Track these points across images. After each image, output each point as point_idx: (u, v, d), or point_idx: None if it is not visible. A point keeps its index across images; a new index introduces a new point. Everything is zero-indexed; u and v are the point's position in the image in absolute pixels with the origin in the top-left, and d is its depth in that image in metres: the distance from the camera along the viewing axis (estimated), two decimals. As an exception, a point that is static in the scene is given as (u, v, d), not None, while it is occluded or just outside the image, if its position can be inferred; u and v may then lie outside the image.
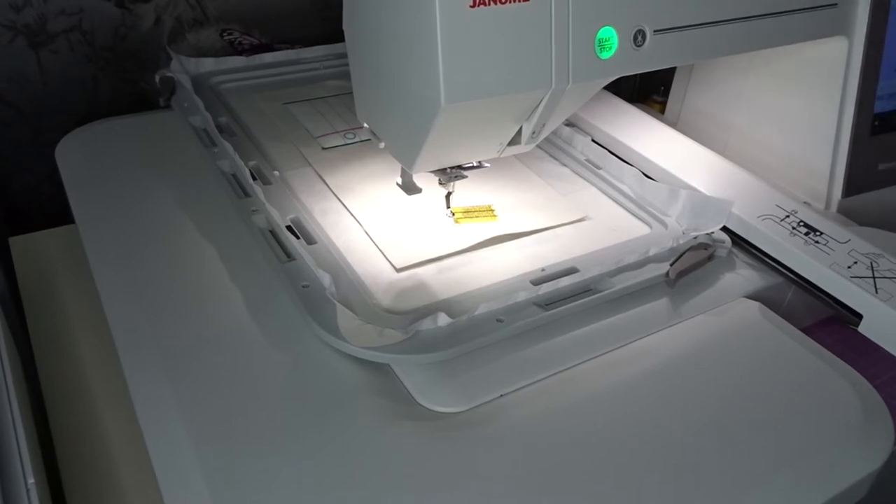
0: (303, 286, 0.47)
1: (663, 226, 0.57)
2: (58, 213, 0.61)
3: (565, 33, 0.42)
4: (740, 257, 0.55)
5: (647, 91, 0.81)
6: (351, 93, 0.52)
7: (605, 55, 0.44)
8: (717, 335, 0.48)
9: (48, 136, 0.73)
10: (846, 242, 0.51)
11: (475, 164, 0.52)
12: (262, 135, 0.66)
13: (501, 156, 0.49)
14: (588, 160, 0.65)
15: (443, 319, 0.44)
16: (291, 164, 0.62)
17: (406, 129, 0.46)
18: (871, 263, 0.49)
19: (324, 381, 0.42)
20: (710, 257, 0.53)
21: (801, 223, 0.53)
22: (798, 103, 0.60)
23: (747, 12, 0.49)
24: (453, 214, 0.56)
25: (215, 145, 0.61)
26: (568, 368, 0.44)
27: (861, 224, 0.55)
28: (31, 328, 0.54)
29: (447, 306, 0.48)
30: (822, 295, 0.50)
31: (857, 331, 0.48)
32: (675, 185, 0.58)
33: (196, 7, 0.77)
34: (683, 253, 0.52)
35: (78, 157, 0.61)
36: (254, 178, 0.56)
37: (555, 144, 0.68)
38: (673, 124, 0.68)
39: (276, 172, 0.59)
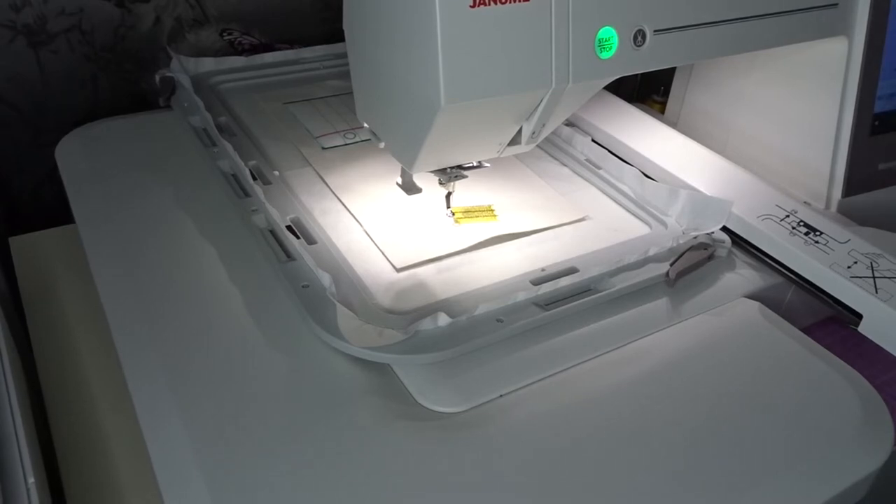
0: (303, 286, 0.47)
1: (663, 226, 0.57)
2: (58, 213, 0.61)
3: (565, 33, 0.42)
4: (740, 257, 0.55)
5: (647, 91, 0.81)
6: (351, 93, 0.52)
7: (605, 55, 0.44)
8: (717, 335, 0.48)
9: (48, 136, 0.73)
10: (846, 242, 0.51)
11: (475, 164, 0.52)
12: (262, 135, 0.66)
13: (501, 156, 0.49)
14: (588, 160, 0.65)
15: (443, 319, 0.44)
16: (291, 164, 0.62)
17: (406, 128, 0.46)
18: (871, 263, 0.49)
19: (324, 381, 0.42)
20: (710, 257, 0.53)
21: (801, 223, 0.53)
22: (798, 103, 0.60)
23: (747, 12, 0.49)
24: (453, 214, 0.56)
25: (215, 145, 0.61)
26: (568, 368, 0.44)
27: (861, 224, 0.55)
28: (31, 328, 0.54)
29: (447, 306, 0.48)
30: (822, 295, 0.50)
31: (857, 331, 0.48)
32: (675, 185, 0.58)
33: (196, 7, 0.77)
34: (683, 253, 0.52)
35: (78, 157, 0.61)
36: (254, 178, 0.56)
37: (555, 144, 0.68)
38: (673, 124, 0.68)
39: (276, 172, 0.59)
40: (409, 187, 0.55)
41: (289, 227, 0.52)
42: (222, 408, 0.40)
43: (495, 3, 0.39)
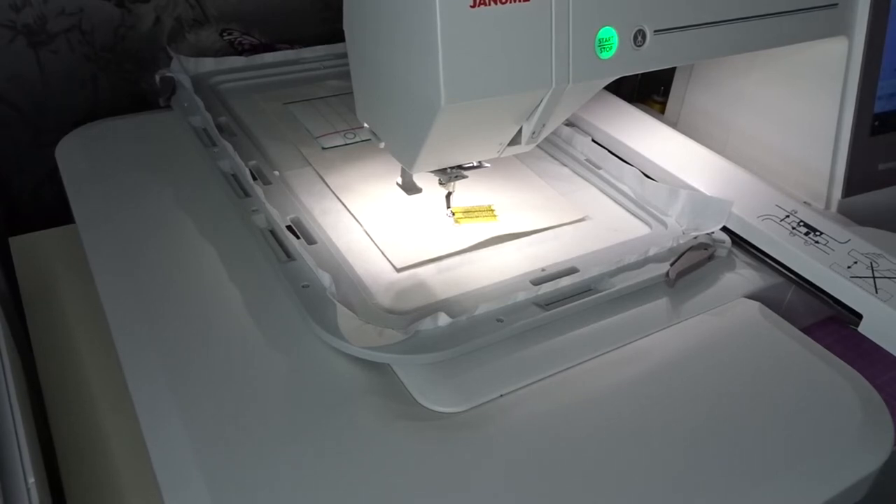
0: (303, 286, 0.47)
1: (663, 226, 0.57)
2: (58, 213, 0.61)
3: (565, 33, 0.42)
4: (740, 257, 0.55)
5: (647, 91, 0.81)
6: (351, 93, 0.52)
7: (605, 55, 0.44)
8: (717, 335, 0.48)
9: (48, 136, 0.73)
10: (846, 242, 0.51)
11: (475, 164, 0.52)
12: (262, 135, 0.66)
13: (501, 156, 0.49)
14: (588, 160, 0.65)
15: (443, 319, 0.44)
16: (291, 164, 0.62)
17: (406, 128, 0.46)
18: (871, 263, 0.49)
19: (324, 381, 0.42)
20: (710, 257, 0.53)
21: (801, 223, 0.53)
22: (798, 103, 0.60)
23: (747, 12, 0.49)
24: (453, 214, 0.56)
25: (215, 145, 0.61)
26: (568, 368, 0.44)
27: (861, 224, 0.55)
28: (31, 328, 0.54)
29: (447, 306, 0.48)
30: (822, 295, 0.50)
31: (857, 331, 0.48)
32: (675, 185, 0.58)
33: (196, 7, 0.77)
34: (683, 253, 0.52)
35: (78, 156, 0.61)
36: (254, 178, 0.56)
37: (555, 144, 0.68)
38: (673, 124, 0.68)
39: (276, 172, 0.59)
40: (409, 187, 0.55)
41: (289, 227, 0.52)
42: (222, 408, 0.40)
43: (495, 3, 0.39)
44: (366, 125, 0.52)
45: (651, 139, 0.64)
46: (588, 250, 0.54)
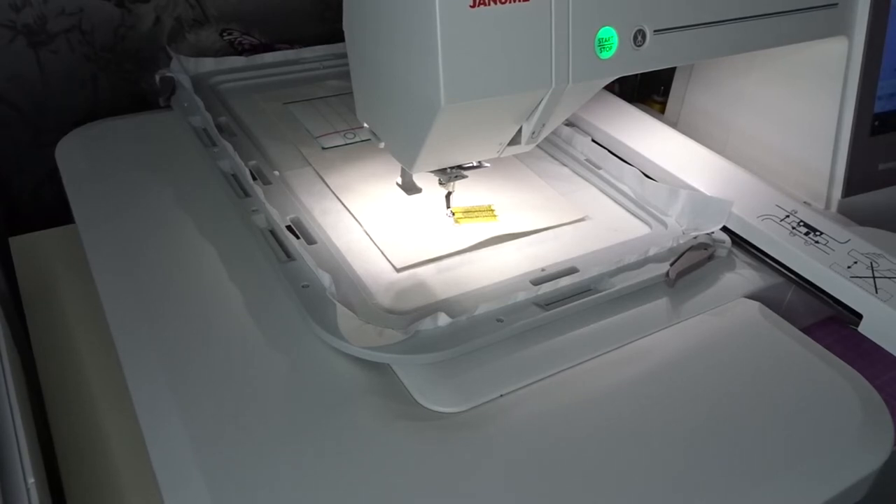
0: (303, 286, 0.47)
1: (663, 226, 0.57)
2: (58, 213, 0.61)
3: (565, 33, 0.42)
4: (740, 257, 0.55)
5: (647, 91, 0.81)
6: (351, 93, 0.52)
7: (605, 55, 0.44)
8: (717, 335, 0.48)
9: (48, 136, 0.73)
10: (846, 242, 0.51)
11: (475, 164, 0.52)
12: (262, 135, 0.66)
13: (501, 156, 0.49)
14: (588, 160, 0.65)
15: (443, 319, 0.44)
16: (291, 164, 0.62)
17: (406, 128, 0.46)
18: (871, 263, 0.49)
19: (324, 381, 0.42)
20: (710, 257, 0.53)
21: (801, 223, 0.53)
22: (798, 103, 0.60)
23: (747, 12, 0.49)
24: (453, 214, 0.56)
25: (215, 145, 0.61)
26: (568, 368, 0.44)
27: (861, 224, 0.55)
28: (31, 328, 0.54)
29: (447, 306, 0.48)
30: (822, 295, 0.50)
31: (857, 331, 0.48)
32: (675, 185, 0.58)
33: (196, 7, 0.77)
34: (683, 253, 0.52)
35: (78, 156, 0.61)
36: (254, 178, 0.56)
37: (555, 144, 0.68)
38: (673, 124, 0.68)
39: (276, 172, 0.59)
40: (409, 187, 0.55)
41: (289, 227, 0.52)
42: (222, 408, 0.40)
43: (495, 3, 0.39)
44: (366, 125, 0.52)
45: (651, 139, 0.64)
46: (588, 250, 0.54)
